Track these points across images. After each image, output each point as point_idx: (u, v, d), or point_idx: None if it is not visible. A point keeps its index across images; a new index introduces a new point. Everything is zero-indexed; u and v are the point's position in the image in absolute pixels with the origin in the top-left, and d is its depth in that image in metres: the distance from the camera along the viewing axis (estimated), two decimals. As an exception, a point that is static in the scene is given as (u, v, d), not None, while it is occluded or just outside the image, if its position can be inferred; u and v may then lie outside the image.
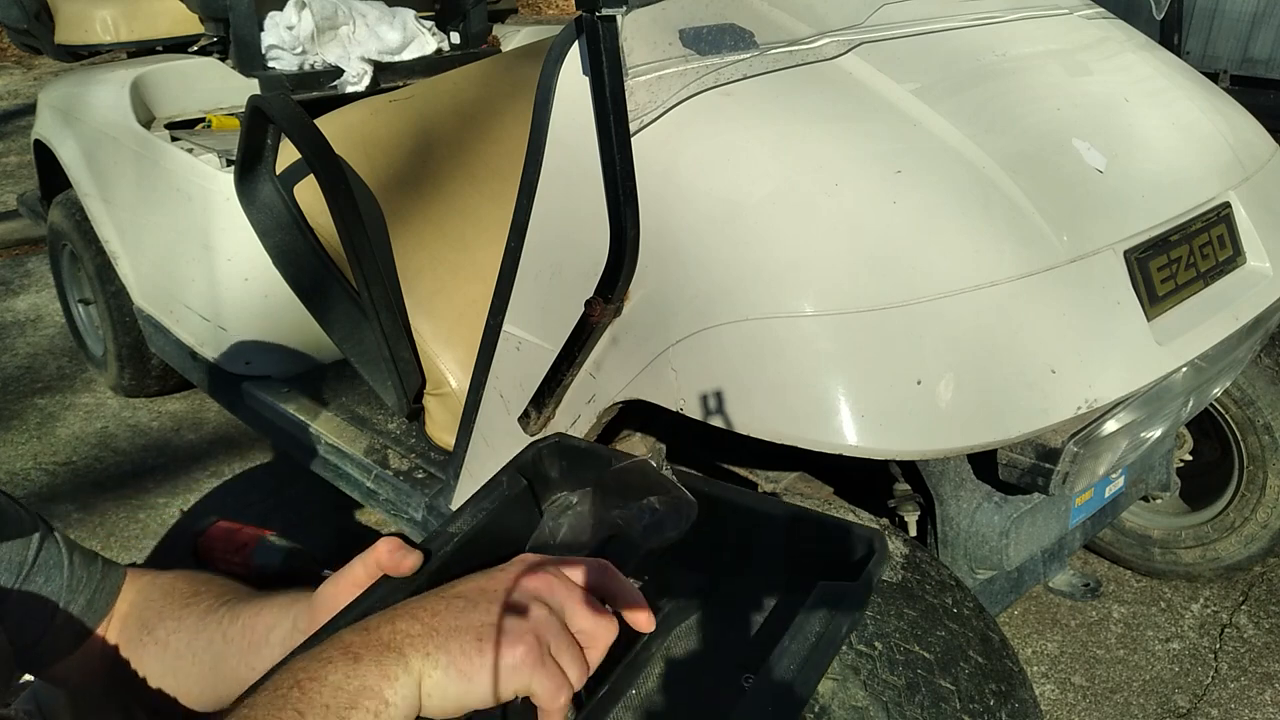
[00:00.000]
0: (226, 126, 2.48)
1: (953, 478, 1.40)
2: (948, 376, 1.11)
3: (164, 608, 0.91)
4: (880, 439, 1.09)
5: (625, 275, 1.18)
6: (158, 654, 0.88)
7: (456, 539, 0.73)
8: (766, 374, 1.12)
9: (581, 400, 1.33)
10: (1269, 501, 1.95)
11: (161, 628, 0.89)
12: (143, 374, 2.88)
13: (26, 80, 7.55)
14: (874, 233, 1.16)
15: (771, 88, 1.27)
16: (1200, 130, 1.55)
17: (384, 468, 1.87)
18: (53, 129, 2.76)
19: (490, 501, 0.77)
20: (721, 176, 1.18)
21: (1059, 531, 1.50)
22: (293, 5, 2.42)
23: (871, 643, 1.11)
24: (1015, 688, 1.17)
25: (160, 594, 0.93)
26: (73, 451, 2.81)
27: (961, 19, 1.53)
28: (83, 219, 2.70)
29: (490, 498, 0.77)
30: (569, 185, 1.27)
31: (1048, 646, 2.05)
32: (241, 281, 2.15)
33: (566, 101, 1.25)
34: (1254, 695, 1.92)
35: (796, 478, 1.66)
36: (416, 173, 1.84)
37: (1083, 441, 1.19)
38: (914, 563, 1.24)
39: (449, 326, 1.75)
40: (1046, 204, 1.25)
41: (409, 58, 2.56)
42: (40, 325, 3.60)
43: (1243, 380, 1.87)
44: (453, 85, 2.00)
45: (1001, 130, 1.33)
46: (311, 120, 1.66)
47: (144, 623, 0.91)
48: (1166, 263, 1.34)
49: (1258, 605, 2.16)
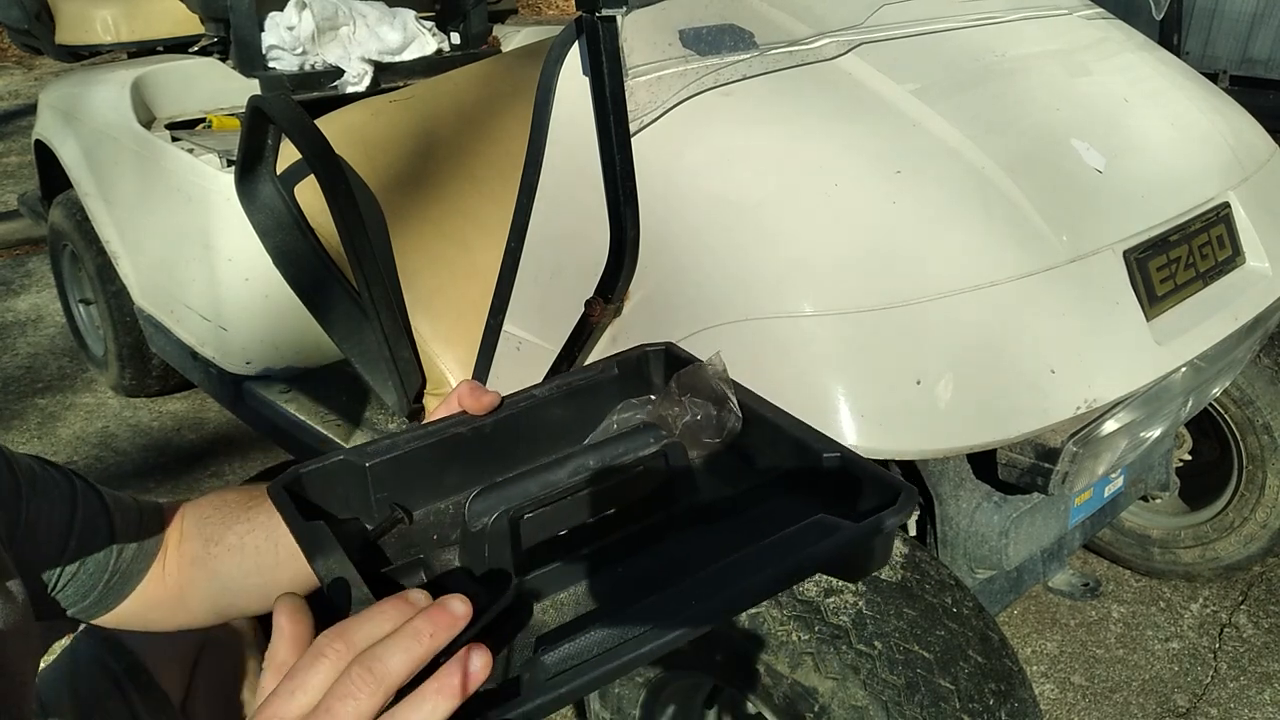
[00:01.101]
0: (227, 127, 2.48)
1: (952, 477, 1.40)
2: (947, 376, 1.11)
3: (224, 519, 0.93)
4: (880, 439, 1.09)
5: (625, 275, 1.18)
6: (235, 560, 0.90)
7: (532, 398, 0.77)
8: (766, 374, 1.12)
9: (581, 400, 1.33)
10: (1268, 501, 1.95)
11: (231, 534, 0.91)
12: (143, 374, 2.88)
13: (27, 80, 7.55)
14: (874, 233, 1.16)
15: (771, 88, 1.27)
16: (1199, 130, 1.56)
17: (384, 468, 1.87)
18: (53, 129, 2.76)
19: (577, 378, 0.80)
20: (721, 176, 1.19)
21: (1058, 531, 1.50)
22: (293, 5, 2.42)
23: (871, 642, 1.12)
24: (1015, 687, 1.17)
25: (213, 509, 0.95)
26: (74, 451, 2.81)
27: (961, 19, 1.53)
28: (83, 219, 2.70)
29: (579, 375, 0.80)
30: (569, 185, 1.27)
31: (1047, 646, 2.05)
32: (242, 281, 2.15)
33: (566, 102, 1.25)
34: (1253, 695, 1.92)
35: (796, 477, 1.66)
36: (417, 173, 1.85)
37: (1082, 441, 1.19)
38: (914, 562, 1.24)
39: (449, 326, 1.75)
40: (1046, 204, 1.25)
41: (409, 58, 2.56)
42: (41, 325, 3.60)
43: (1242, 380, 1.87)
44: (453, 86, 2.00)
45: (1001, 130, 1.33)
46: (312, 120, 1.67)
47: (208, 538, 0.92)
48: (1166, 263, 1.34)
49: (1257, 605, 2.16)
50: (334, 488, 0.71)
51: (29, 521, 0.85)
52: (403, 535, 0.72)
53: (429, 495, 0.75)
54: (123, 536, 0.91)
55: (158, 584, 0.93)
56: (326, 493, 0.71)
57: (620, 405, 0.82)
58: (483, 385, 0.76)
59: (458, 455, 0.75)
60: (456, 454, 0.75)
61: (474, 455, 0.76)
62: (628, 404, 0.82)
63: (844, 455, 0.69)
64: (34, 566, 0.85)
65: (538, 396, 0.78)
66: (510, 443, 0.77)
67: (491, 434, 0.76)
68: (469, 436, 0.75)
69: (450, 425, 0.74)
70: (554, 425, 0.79)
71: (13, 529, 0.83)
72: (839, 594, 1.16)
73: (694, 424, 0.76)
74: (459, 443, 0.75)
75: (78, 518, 0.88)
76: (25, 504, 0.85)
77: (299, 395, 2.18)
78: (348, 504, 0.72)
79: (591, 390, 0.81)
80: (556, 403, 0.79)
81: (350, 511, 0.73)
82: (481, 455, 0.76)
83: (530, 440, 0.78)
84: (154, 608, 0.93)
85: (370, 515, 0.73)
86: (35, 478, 0.87)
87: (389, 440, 0.73)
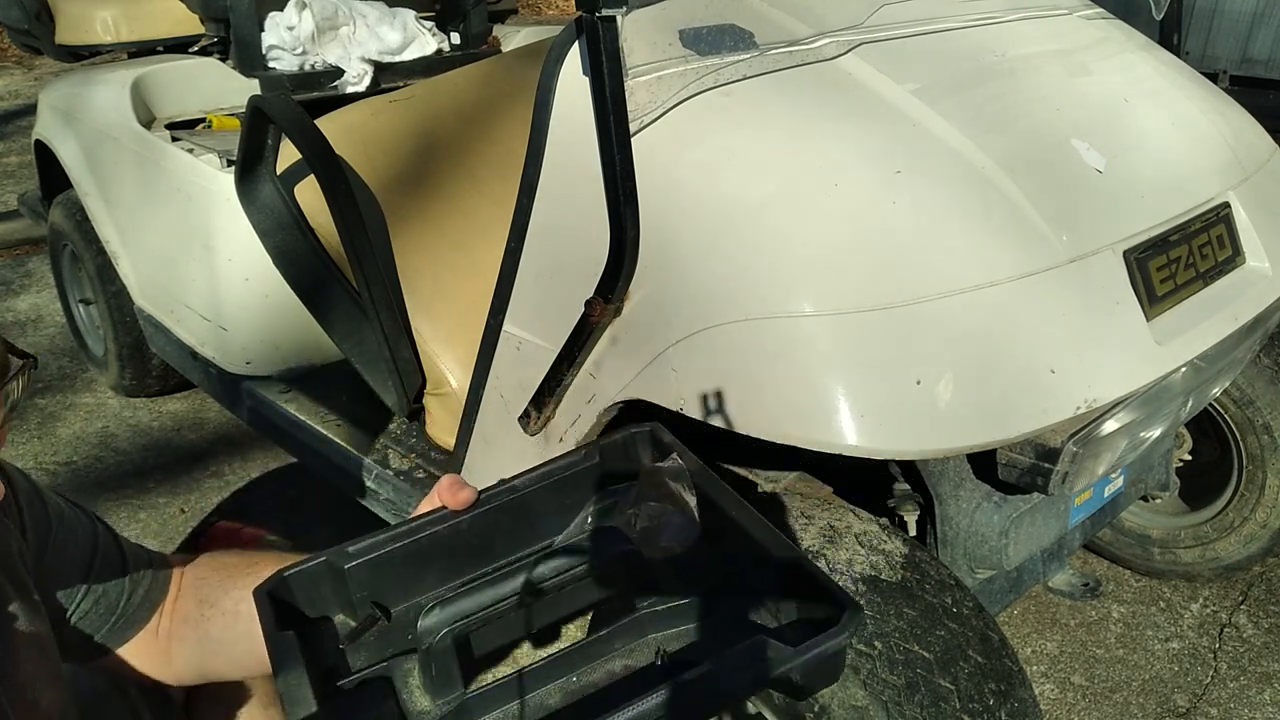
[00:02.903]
0: (227, 127, 2.48)
1: (952, 477, 1.40)
2: (947, 376, 1.11)
3: (223, 582, 0.95)
4: (880, 439, 1.09)
5: (625, 275, 1.19)
6: (227, 624, 0.92)
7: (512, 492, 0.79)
8: (766, 374, 1.12)
9: (581, 400, 1.33)
10: (1268, 501, 1.95)
11: (226, 599, 0.93)
12: (143, 374, 2.88)
13: (27, 80, 7.55)
14: (874, 232, 1.16)
15: (771, 88, 1.27)
16: (1199, 130, 1.56)
17: (384, 468, 1.87)
18: (53, 129, 2.76)
19: (560, 468, 0.82)
20: (721, 176, 1.19)
21: (1058, 531, 1.50)
22: (293, 5, 2.42)
23: (871, 642, 1.12)
24: (1014, 687, 1.17)
25: (211, 571, 0.97)
26: (74, 451, 2.81)
27: (961, 19, 1.53)
28: (83, 219, 2.70)
29: (561, 465, 0.82)
30: (569, 185, 1.27)
31: (1047, 646, 2.05)
32: (242, 281, 2.15)
33: (566, 102, 1.25)
34: (1253, 695, 1.93)
35: (796, 477, 1.66)
36: (417, 173, 1.85)
37: (1082, 441, 1.19)
38: (914, 562, 1.24)
39: (449, 326, 1.75)
40: (1046, 204, 1.25)
41: (409, 58, 2.56)
42: (41, 325, 3.60)
43: (1242, 380, 1.87)
44: (453, 86, 2.00)
45: (1001, 130, 1.33)
46: (312, 120, 1.67)
47: (202, 599, 0.94)
48: (1166, 263, 1.34)
49: (1257, 605, 2.16)
50: (317, 588, 0.75)
51: (56, 548, 0.87)
52: (381, 632, 0.76)
53: (408, 592, 0.79)
54: (134, 581, 0.93)
55: (150, 637, 0.95)
56: (311, 592, 0.75)
57: (597, 496, 0.83)
58: (463, 480, 0.77)
59: (436, 553, 0.78)
60: (435, 552, 0.78)
61: (452, 552, 0.79)
62: (606, 493, 0.83)
63: (799, 563, 0.71)
64: (55, 596, 0.86)
65: (518, 489, 0.80)
66: (488, 538, 0.80)
67: (469, 530, 0.78)
68: (446, 534, 0.78)
69: (428, 525, 0.77)
70: (532, 518, 0.81)
71: (40, 554, 0.85)
72: (839, 594, 1.16)
73: (652, 530, 0.77)
74: (436, 541, 0.78)
75: (98, 556, 0.91)
76: (53, 535, 0.87)
77: (299, 395, 2.18)
78: (330, 603, 0.77)
79: (573, 480, 0.83)
80: (535, 495, 0.81)
81: (333, 609, 0.77)
82: (459, 551, 0.79)
83: (508, 533, 0.81)
84: (142, 658, 0.95)
85: (352, 611, 0.77)
86: (63, 512, 0.90)
87: (370, 541, 0.76)
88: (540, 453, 1.44)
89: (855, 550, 1.23)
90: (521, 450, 1.46)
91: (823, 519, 1.29)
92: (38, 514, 0.86)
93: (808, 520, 1.28)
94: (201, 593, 0.95)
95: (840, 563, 1.21)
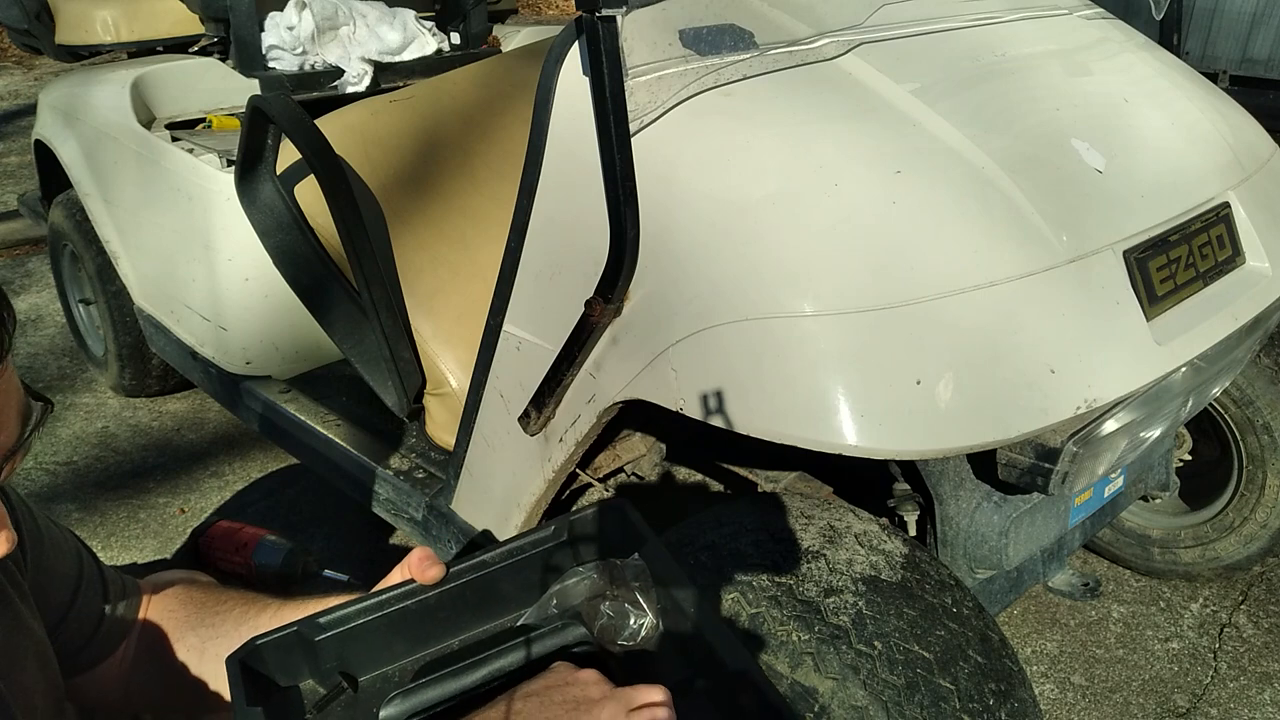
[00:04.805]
0: (227, 127, 2.48)
1: (952, 477, 1.40)
2: (947, 376, 1.11)
3: (189, 616, 0.95)
4: (880, 439, 1.09)
5: (625, 275, 1.18)
6: (194, 660, 0.92)
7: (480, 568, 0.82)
8: (766, 374, 1.12)
9: (581, 400, 1.33)
10: (1268, 501, 1.95)
11: (193, 635, 0.93)
12: (143, 374, 2.88)
13: (27, 80, 7.55)
14: (874, 233, 1.16)
15: (771, 88, 1.27)
16: (1199, 130, 1.56)
17: (384, 468, 1.87)
18: (53, 129, 2.76)
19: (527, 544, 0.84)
20: (722, 176, 1.19)
21: (1058, 531, 1.50)
22: (293, 5, 2.42)
23: (871, 642, 1.12)
24: (1014, 687, 1.17)
25: (179, 604, 0.97)
26: (73, 451, 2.81)
27: (961, 19, 1.53)
28: (83, 219, 2.70)
29: (529, 542, 0.84)
30: (569, 185, 1.27)
31: (1047, 646, 2.05)
32: (242, 281, 2.15)
33: (566, 102, 1.25)
34: (1253, 695, 1.93)
35: (796, 477, 1.66)
36: (417, 173, 1.85)
37: (1082, 441, 1.19)
38: (913, 562, 1.24)
39: (449, 326, 1.75)
40: (1046, 204, 1.25)
41: (409, 58, 2.56)
42: (41, 325, 3.60)
43: (1242, 380, 1.87)
44: (453, 86, 2.00)
45: (1001, 130, 1.33)
46: (312, 120, 1.67)
47: (169, 631, 0.94)
48: (1166, 263, 1.34)
49: (1257, 605, 2.16)
50: (288, 656, 0.78)
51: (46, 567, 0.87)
52: (348, 703, 0.79)
53: (376, 662, 0.81)
54: (112, 606, 0.93)
55: (117, 663, 0.94)
56: (282, 660, 0.78)
57: (568, 573, 0.85)
58: (434, 556, 0.80)
59: (404, 625, 0.81)
60: (403, 624, 0.81)
61: (420, 624, 0.82)
62: (574, 571, 0.85)
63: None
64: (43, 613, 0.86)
65: (486, 565, 0.82)
66: (455, 611, 0.82)
67: (436, 604, 0.81)
68: (415, 608, 0.81)
69: (398, 599, 0.80)
70: (499, 594, 0.84)
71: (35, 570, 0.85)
72: (839, 594, 1.16)
73: (610, 627, 0.79)
74: (406, 614, 0.81)
75: (83, 579, 0.91)
76: (45, 554, 0.87)
77: (299, 395, 2.18)
78: (300, 671, 0.79)
79: (541, 557, 0.84)
80: (503, 573, 0.83)
81: (302, 676, 0.80)
82: (426, 624, 0.82)
83: (474, 608, 0.83)
84: (103, 685, 0.94)
85: (321, 679, 0.80)
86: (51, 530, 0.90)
87: (341, 613, 0.78)
88: (540, 452, 1.44)
89: (855, 550, 1.23)
90: (521, 450, 1.47)
91: (823, 519, 1.29)
92: (30, 528, 0.86)
93: (808, 520, 1.28)
94: (169, 625, 0.95)
95: (840, 563, 1.21)
